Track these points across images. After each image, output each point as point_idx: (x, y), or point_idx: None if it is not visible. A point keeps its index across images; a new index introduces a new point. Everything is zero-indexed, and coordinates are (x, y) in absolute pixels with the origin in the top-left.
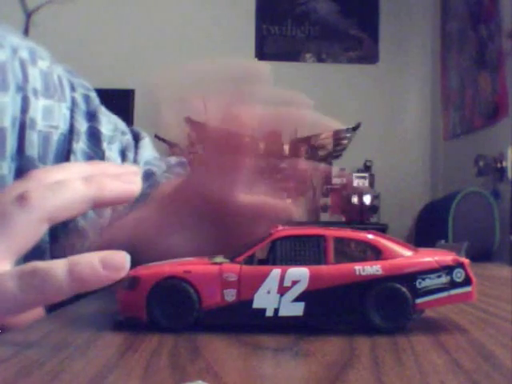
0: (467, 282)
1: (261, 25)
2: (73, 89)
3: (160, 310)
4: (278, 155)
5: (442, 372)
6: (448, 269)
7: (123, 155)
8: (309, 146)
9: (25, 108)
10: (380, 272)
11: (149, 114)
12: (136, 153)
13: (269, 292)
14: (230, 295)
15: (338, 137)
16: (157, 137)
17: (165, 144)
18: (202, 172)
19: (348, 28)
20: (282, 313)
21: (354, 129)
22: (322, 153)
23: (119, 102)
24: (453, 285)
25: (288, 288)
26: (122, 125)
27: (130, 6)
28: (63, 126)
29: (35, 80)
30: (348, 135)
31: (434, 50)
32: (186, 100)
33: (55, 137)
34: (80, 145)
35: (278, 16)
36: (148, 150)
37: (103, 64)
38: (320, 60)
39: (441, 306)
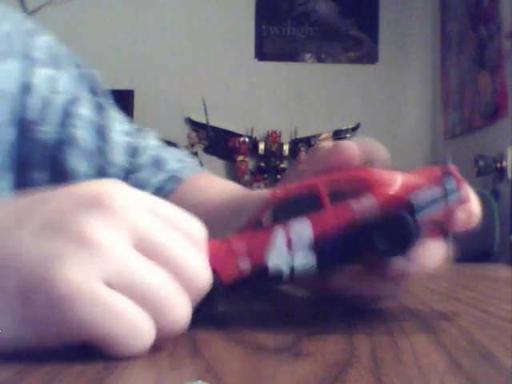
0: (459, 186)
1: (260, 25)
2: (78, 66)
3: None
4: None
5: (441, 372)
6: (438, 179)
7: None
8: (309, 146)
9: (29, 74)
10: (376, 203)
11: (149, 115)
12: (142, 137)
13: (279, 250)
14: (245, 264)
15: (338, 137)
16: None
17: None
18: None
19: (348, 28)
20: (297, 267)
21: (354, 129)
22: None
23: (119, 102)
24: (447, 193)
25: (295, 241)
26: (124, 116)
27: (130, 6)
28: (68, 93)
29: (41, 49)
30: (348, 135)
31: (434, 50)
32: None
33: (59, 101)
34: (86, 111)
35: (278, 16)
36: (152, 138)
37: (103, 64)
38: (320, 60)
39: (441, 218)
